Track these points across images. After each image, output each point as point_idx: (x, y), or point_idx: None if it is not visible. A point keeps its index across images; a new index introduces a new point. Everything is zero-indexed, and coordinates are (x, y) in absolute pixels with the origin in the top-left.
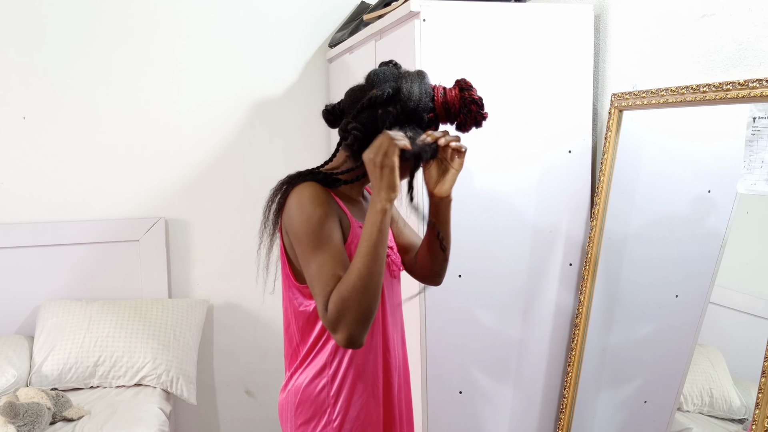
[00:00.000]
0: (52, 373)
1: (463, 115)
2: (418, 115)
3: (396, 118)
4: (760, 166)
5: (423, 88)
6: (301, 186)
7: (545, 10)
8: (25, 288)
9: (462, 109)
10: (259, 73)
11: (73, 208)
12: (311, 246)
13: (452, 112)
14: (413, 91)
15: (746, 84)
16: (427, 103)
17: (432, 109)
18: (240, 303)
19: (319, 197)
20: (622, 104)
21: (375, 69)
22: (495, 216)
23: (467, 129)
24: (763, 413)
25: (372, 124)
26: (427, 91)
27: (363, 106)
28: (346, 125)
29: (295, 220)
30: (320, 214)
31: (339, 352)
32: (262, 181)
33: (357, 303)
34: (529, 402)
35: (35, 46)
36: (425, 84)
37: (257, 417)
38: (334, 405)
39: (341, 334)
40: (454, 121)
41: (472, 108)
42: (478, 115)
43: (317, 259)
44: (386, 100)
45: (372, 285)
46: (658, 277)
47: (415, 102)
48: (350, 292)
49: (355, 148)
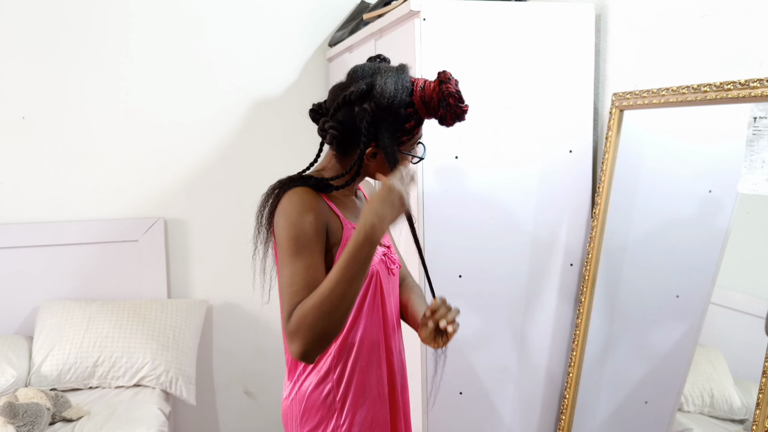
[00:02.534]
0: (51, 373)
1: (442, 108)
2: (394, 111)
3: (372, 115)
4: (760, 166)
5: (400, 83)
6: (291, 191)
7: (546, 9)
8: (24, 288)
9: (441, 102)
10: (259, 72)
11: (73, 208)
12: (289, 252)
13: (431, 106)
14: (387, 87)
15: (747, 84)
16: (404, 98)
17: (410, 104)
18: (239, 303)
19: (307, 204)
20: (623, 104)
21: (357, 65)
22: (495, 216)
23: (449, 123)
24: (764, 413)
25: (349, 122)
26: (405, 85)
27: (338, 105)
28: (324, 124)
29: (279, 224)
30: (304, 222)
31: (343, 356)
32: (262, 181)
33: (321, 323)
34: (529, 402)
35: (35, 47)
36: (403, 78)
37: (257, 417)
38: (341, 409)
39: (296, 348)
40: (434, 115)
41: (450, 101)
42: (458, 109)
43: (292, 266)
44: (361, 97)
45: (339, 310)
46: (659, 278)
47: (389, 98)
48: (315, 312)
49: (335, 146)
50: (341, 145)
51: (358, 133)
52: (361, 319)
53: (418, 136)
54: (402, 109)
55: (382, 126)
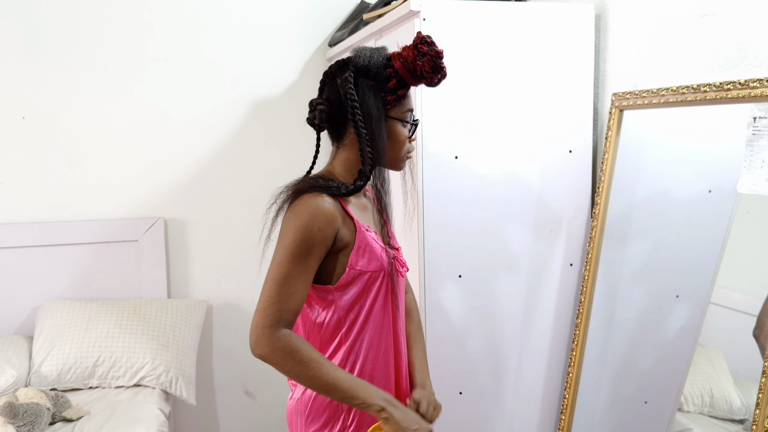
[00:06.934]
0: (51, 373)
1: (419, 60)
2: (373, 71)
3: (354, 80)
4: (760, 166)
5: (376, 50)
6: (311, 196)
7: (546, 9)
8: (24, 288)
9: (417, 56)
10: (259, 72)
11: (73, 208)
12: (288, 251)
13: (409, 62)
14: (363, 51)
15: (747, 84)
16: (381, 60)
17: (389, 66)
18: (239, 303)
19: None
20: (622, 104)
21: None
22: (495, 215)
23: (431, 76)
24: (764, 413)
25: (335, 95)
26: (382, 52)
27: (322, 84)
28: (312, 106)
29: (289, 223)
30: (314, 229)
31: (350, 358)
32: (262, 180)
33: (295, 372)
34: (530, 402)
35: (35, 47)
36: (380, 49)
37: (257, 417)
38: (349, 410)
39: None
40: (414, 72)
41: (423, 49)
42: (432, 52)
43: (287, 268)
44: (340, 68)
45: (314, 386)
46: (659, 278)
47: (366, 58)
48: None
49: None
50: (333, 123)
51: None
52: (369, 321)
53: (407, 102)
54: (381, 69)
55: (364, 87)
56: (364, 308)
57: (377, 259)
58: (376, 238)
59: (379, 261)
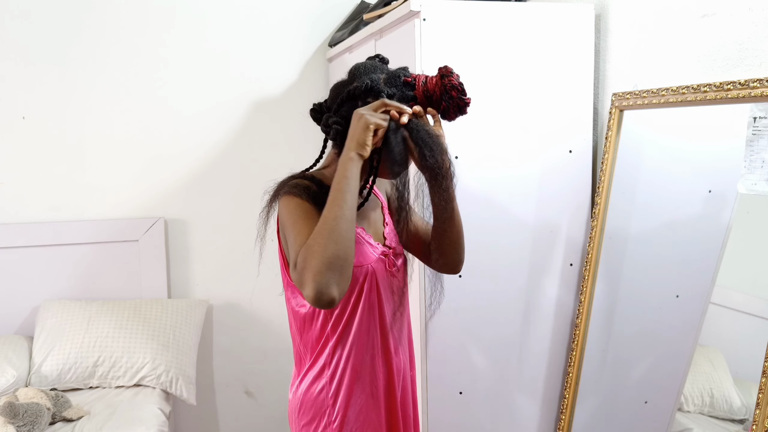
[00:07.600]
0: (51, 373)
1: (444, 101)
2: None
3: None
4: (760, 166)
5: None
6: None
7: (546, 9)
8: (24, 288)
9: (443, 95)
10: (259, 72)
11: (73, 208)
12: (291, 221)
13: (434, 100)
14: (392, 77)
15: (747, 84)
16: (407, 92)
17: (413, 98)
18: (239, 303)
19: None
20: (622, 104)
21: (357, 63)
22: (495, 216)
23: (452, 116)
24: (764, 413)
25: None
26: (403, 72)
27: (342, 100)
28: (327, 120)
29: (282, 210)
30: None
31: (336, 353)
32: (262, 180)
33: (322, 247)
34: (530, 402)
35: (35, 47)
36: (404, 75)
37: (257, 417)
38: (333, 406)
39: (308, 287)
40: (437, 109)
41: (452, 94)
42: (460, 101)
43: (296, 228)
44: (365, 92)
45: (338, 229)
46: (659, 277)
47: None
48: (315, 239)
49: (338, 141)
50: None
51: None
52: (355, 316)
53: None
54: (405, 103)
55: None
56: (348, 304)
57: (360, 254)
58: (364, 234)
59: (361, 257)
